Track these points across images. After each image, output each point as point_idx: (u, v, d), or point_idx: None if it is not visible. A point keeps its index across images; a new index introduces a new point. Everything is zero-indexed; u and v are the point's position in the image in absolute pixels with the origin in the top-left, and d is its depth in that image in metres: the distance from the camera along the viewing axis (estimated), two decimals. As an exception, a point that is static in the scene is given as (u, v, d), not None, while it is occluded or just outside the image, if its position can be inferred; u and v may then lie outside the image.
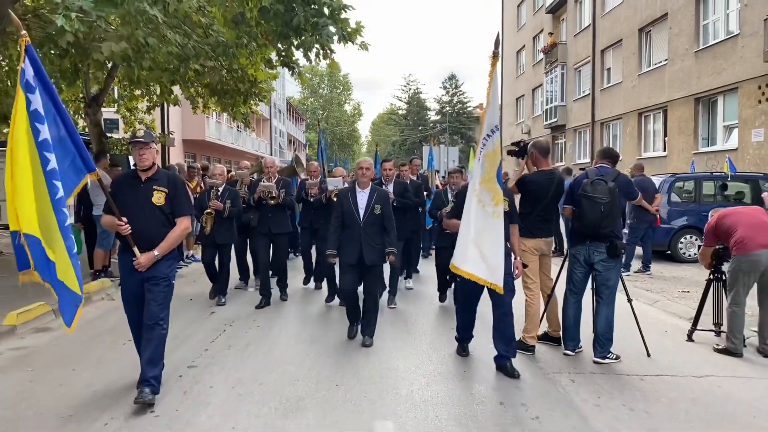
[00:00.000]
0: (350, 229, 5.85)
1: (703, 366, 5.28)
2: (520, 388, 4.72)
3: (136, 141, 4.37)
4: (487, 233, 4.77)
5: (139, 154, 4.36)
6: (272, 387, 4.72)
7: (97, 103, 17.89)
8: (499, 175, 4.81)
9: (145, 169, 4.44)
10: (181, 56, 9.10)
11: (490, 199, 4.78)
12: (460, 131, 64.59)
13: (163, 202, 4.42)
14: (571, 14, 30.13)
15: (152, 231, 4.36)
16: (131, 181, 4.48)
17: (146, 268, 4.33)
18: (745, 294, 5.55)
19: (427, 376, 5.00)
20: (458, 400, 4.47)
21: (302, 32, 8.56)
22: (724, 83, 17.56)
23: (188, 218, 4.60)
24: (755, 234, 5.40)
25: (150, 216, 4.37)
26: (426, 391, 4.65)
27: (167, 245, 4.40)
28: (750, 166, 16.05)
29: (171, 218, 4.47)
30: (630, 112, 23.46)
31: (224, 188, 7.93)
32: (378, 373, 5.08)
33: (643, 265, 10.19)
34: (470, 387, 4.77)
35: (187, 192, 4.72)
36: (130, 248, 4.33)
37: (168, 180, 4.51)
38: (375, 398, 4.47)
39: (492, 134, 4.82)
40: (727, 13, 17.83)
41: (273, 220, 7.75)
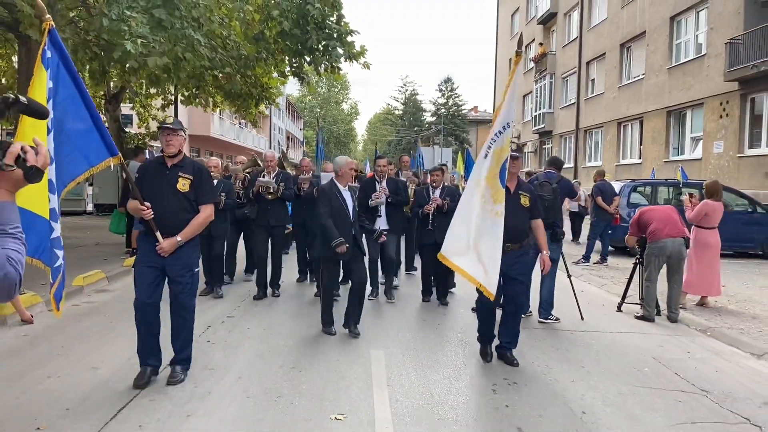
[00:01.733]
0: (339, 226, 5.86)
1: (621, 326, 6.91)
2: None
3: (165, 127, 4.46)
4: (486, 234, 4.78)
5: (167, 140, 4.42)
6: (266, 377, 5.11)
7: (116, 101, 19.51)
8: (502, 174, 4.81)
9: (172, 156, 4.48)
10: (210, 67, 10.67)
11: (490, 196, 4.80)
12: (455, 133, 66.08)
13: (188, 189, 4.45)
14: (560, 26, 31.82)
15: (176, 217, 4.40)
16: (157, 167, 4.52)
17: (168, 254, 4.36)
18: (657, 272, 7.19)
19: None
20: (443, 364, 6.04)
21: (314, 51, 10.15)
22: (692, 98, 19.27)
23: (212, 206, 4.66)
24: (664, 226, 7.03)
25: (174, 202, 4.41)
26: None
27: (190, 231, 4.43)
28: (711, 175, 17.71)
29: (195, 205, 4.51)
30: (610, 121, 25.15)
31: (219, 181, 7.86)
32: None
33: (601, 257, 11.82)
34: (444, 335, 6.36)
35: (211, 181, 4.78)
36: (152, 233, 4.36)
37: (193, 168, 4.55)
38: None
39: (504, 130, 4.84)
40: (697, 34, 19.53)
41: (272, 212, 7.80)
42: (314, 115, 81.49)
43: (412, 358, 5.43)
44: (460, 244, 4.86)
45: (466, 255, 4.83)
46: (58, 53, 3.97)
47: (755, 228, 12.90)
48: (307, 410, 4.12)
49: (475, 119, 65.56)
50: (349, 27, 9.99)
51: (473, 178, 5.02)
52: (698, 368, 5.41)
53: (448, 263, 4.94)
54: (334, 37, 9.92)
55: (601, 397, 4.59)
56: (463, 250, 4.84)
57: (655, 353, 5.87)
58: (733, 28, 17.06)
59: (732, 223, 12.59)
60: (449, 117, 67.13)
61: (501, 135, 4.83)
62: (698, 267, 7.66)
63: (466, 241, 4.85)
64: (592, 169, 25.56)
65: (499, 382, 4.85)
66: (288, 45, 10.55)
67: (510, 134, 4.86)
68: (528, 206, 5.29)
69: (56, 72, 3.95)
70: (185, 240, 4.41)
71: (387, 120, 76.58)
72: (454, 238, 4.93)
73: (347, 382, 4.74)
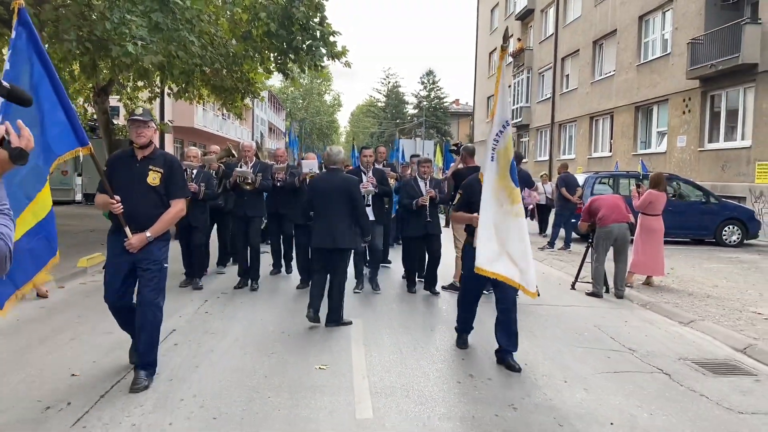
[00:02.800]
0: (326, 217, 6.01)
1: (572, 301, 7.81)
2: (448, 312, 7.18)
3: (134, 119, 4.29)
4: (512, 235, 4.77)
5: (137, 132, 4.26)
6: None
7: (105, 93, 20.04)
8: (513, 172, 4.79)
9: (142, 148, 4.31)
10: (200, 64, 11.36)
11: (506, 197, 4.76)
12: (436, 125, 66.99)
13: (158, 183, 4.29)
14: (537, 23, 32.73)
15: (145, 212, 4.25)
16: (127, 160, 4.35)
17: (137, 250, 4.22)
18: (605, 254, 8.09)
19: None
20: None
21: (299, 51, 10.90)
22: (658, 95, 20.28)
23: (183, 201, 4.48)
24: (611, 213, 7.93)
25: (144, 196, 4.26)
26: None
27: (160, 227, 4.28)
28: (674, 168, 18.76)
29: (165, 200, 4.36)
30: (583, 115, 26.14)
31: (198, 171, 7.82)
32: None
33: (565, 243, 12.75)
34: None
35: (183, 174, 4.63)
36: (121, 228, 4.23)
37: (165, 161, 4.39)
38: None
39: (504, 129, 4.80)
40: (663, 33, 20.52)
41: (249, 203, 7.74)
42: (297, 106, 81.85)
43: (386, 324, 6.27)
44: (492, 250, 4.75)
45: (499, 260, 4.74)
46: (27, 32, 3.73)
47: (709, 217, 13.91)
48: (296, 362, 4.94)
49: (456, 112, 66.34)
50: (332, 28, 10.78)
51: (487, 182, 4.86)
52: (631, 333, 6.31)
53: (486, 273, 4.77)
54: (317, 38, 10.70)
55: (542, 353, 5.46)
56: (496, 255, 4.74)
57: (597, 322, 6.76)
58: (695, 29, 18.05)
59: (688, 213, 13.69)
60: (431, 110, 67.93)
61: (502, 135, 4.78)
62: (644, 250, 8.58)
63: (497, 245, 4.76)
64: (567, 162, 26.64)
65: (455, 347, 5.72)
66: (274, 44, 11.28)
67: (510, 133, 4.83)
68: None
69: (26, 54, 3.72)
70: (155, 236, 4.26)
71: (370, 112, 77.27)
72: (485, 246, 4.76)
73: (330, 343, 5.56)
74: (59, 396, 4.08)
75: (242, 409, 3.96)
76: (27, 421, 3.70)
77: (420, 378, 4.71)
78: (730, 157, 16.77)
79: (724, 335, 6.20)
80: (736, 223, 13.89)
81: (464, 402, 4.25)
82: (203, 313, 6.55)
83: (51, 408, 3.87)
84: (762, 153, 15.40)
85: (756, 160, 15.57)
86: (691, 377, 4.96)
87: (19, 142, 1.74)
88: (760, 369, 5.27)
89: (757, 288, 8.79)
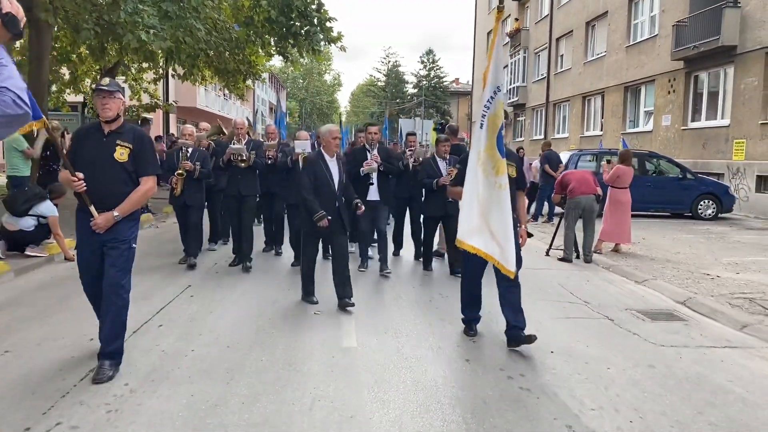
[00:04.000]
0: (324, 198, 5.79)
1: (543, 266, 8.68)
2: (431, 279, 8.06)
3: (100, 89, 3.95)
4: (494, 208, 4.55)
5: (103, 103, 3.92)
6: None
7: (112, 75, 20.76)
8: (499, 141, 4.56)
9: (109, 121, 4.00)
10: (205, 48, 12.15)
11: (491, 168, 4.55)
12: (436, 105, 67.52)
13: (126, 159, 4.01)
14: (533, 3, 33.24)
15: (112, 190, 3.99)
16: (93, 134, 4.07)
17: (104, 230, 3.98)
18: (574, 223, 8.95)
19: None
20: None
21: (297, 36, 11.68)
22: (646, 75, 20.99)
23: (153, 178, 4.20)
24: (580, 186, 8.77)
25: (111, 173, 3.99)
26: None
27: (128, 206, 4.02)
28: (659, 146, 19.55)
29: (134, 177, 4.09)
30: (576, 95, 26.83)
31: (193, 149, 7.79)
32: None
33: (548, 216, 13.62)
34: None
35: (153, 150, 4.35)
36: (87, 207, 3.99)
37: (134, 135, 4.09)
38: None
39: (495, 94, 4.57)
40: (651, 15, 21.16)
41: (243, 181, 7.61)
42: (297, 86, 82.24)
43: (377, 297, 7.15)
44: (473, 222, 4.63)
45: (480, 234, 4.60)
46: None
47: (685, 192, 14.74)
48: (296, 310, 5.83)
49: (456, 91, 66.72)
50: (328, 14, 11.54)
51: (473, 150, 4.72)
52: (589, 290, 7.19)
53: (465, 246, 4.68)
54: (315, 24, 11.47)
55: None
56: (476, 228, 4.61)
57: (561, 281, 7.64)
58: (681, 11, 18.71)
59: (666, 188, 14.54)
60: (431, 89, 68.36)
61: (493, 101, 4.55)
62: (612, 219, 9.43)
63: (478, 218, 4.62)
64: (560, 140, 27.44)
65: (434, 297, 6.61)
66: (274, 29, 12.06)
67: (502, 99, 4.60)
68: (515, 177, 4.99)
69: None
70: (123, 215, 4.01)
71: (370, 92, 77.64)
72: (466, 217, 4.67)
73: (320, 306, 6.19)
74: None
75: (251, 340, 4.86)
76: (80, 351, 4.59)
77: (398, 320, 5.60)
78: (710, 135, 17.54)
79: (671, 291, 7.08)
80: (712, 198, 14.71)
81: (434, 337, 5.15)
82: (214, 272, 7.43)
83: (94, 340, 4.78)
84: (739, 131, 16.18)
85: (733, 138, 16.36)
86: (631, 322, 5.84)
87: (10, 7, 1.77)
88: (692, 316, 6.15)
89: (715, 254, 9.65)
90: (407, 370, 4.35)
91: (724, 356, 4.89)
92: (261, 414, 3.53)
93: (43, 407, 3.53)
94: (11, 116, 1.76)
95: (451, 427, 3.45)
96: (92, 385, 3.88)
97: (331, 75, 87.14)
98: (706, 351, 5.02)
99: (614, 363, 4.62)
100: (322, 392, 3.88)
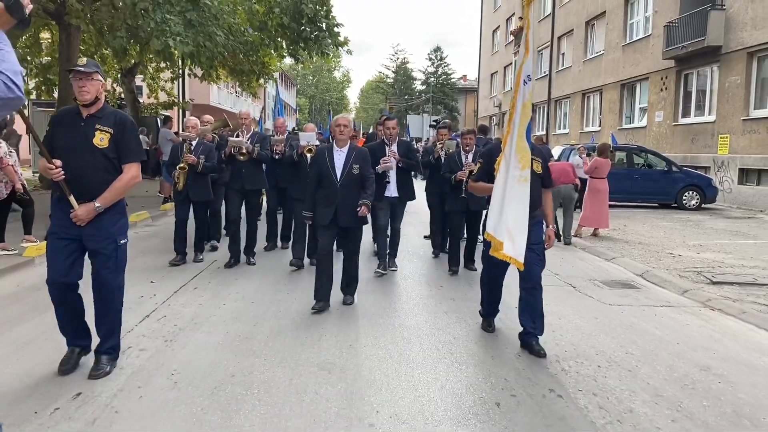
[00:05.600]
0: (326, 190, 5.57)
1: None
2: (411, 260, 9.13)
3: (76, 70, 3.69)
4: (512, 202, 4.34)
5: (79, 86, 3.69)
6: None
7: (132, 74, 21.99)
8: (528, 133, 4.38)
9: (87, 105, 3.76)
10: (223, 52, 13.28)
11: (518, 161, 4.32)
12: (444, 101, 68.46)
13: (107, 145, 3.75)
14: (536, 2, 34.14)
15: (93, 178, 3.73)
16: (71, 119, 3.81)
17: (85, 222, 3.72)
18: (554, 210, 9.97)
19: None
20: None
21: (308, 41, 12.78)
22: (640, 73, 21.92)
23: (137, 165, 3.93)
24: (559, 176, 9.80)
25: (90, 160, 3.73)
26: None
27: (111, 196, 3.75)
28: (653, 141, 20.49)
29: (117, 164, 3.83)
30: (576, 92, 27.77)
31: (198, 142, 7.55)
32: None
33: (540, 206, 14.62)
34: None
35: (137, 135, 4.09)
36: (66, 197, 3.71)
37: (115, 119, 3.83)
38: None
39: (527, 81, 4.35)
40: (646, 16, 22.08)
41: (246, 175, 7.35)
42: (307, 83, 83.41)
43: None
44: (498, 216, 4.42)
45: (498, 227, 4.40)
46: None
47: (671, 184, 15.73)
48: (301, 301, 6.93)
49: (464, 87, 67.49)
50: (336, 20, 12.64)
51: (508, 143, 4.42)
52: (562, 266, 8.23)
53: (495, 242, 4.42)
54: (323, 29, 12.57)
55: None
56: (496, 222, 4.41)
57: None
58: (672, 12, 19.62)
59: (653, 180, 15.54)
60: (438, 85, 69.27)
61: (526, 85, 4.32)
62: (591, 207, 10.46)
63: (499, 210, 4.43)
64: (561, 136, 28.40)
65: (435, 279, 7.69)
66: (286, 34, 13.17)
67: (531, 89, 4.37)
68: (540, 173, 4.77)
69: None
70: (105, 206, 3.74)
71: (379, 88, 78.69)
72: (494, 213, 4.46)
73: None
74: (146, 290, 6.12)
75: (270, 299, 5.98)
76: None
77: (395, 286, 6.70)
78: (698, 130, 18.49)
79: (633, 266, 8.12)
80: (695, 190, 15.68)
81: (426, 294, 6.24)
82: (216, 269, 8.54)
83: (144, 297, 5.90)
84: (723, 127, 17.12)
85: (719, 133, 17.30)
86: (591, 289, 6.89)
87: None
88: (645, 285, 7.20)
89: (685, 238, 10.66)
90: (395, 317, 5.45)
91: (659, 312, 5.95)
92: (281, 344, 4.64)
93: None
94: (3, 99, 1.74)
95: (419, 349, 4.54)
96: (154, 323, 5.02)
97: (340, 72, 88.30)
98: (646, 308, 6.08)
99: (565, 315, 5.69)
100: (327, 330, 4.99)
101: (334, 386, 3.83)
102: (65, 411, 3.39)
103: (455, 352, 4.58)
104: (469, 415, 3.48)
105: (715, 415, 3.57)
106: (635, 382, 4.05)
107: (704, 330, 5.37)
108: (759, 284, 7.06)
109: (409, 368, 4.20)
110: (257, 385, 3.81)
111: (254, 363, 4.21)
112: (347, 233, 5.76)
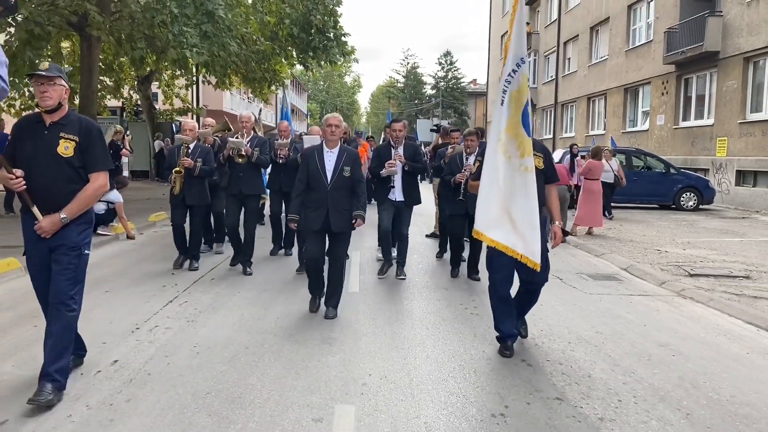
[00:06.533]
0: (316, 193, 5.36)
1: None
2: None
3: (37, 74, 3.52)
4: (518, 194, 4.12)
5: (41, 91, 3.51)
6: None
7: (148, 81, 22.80)
8: (525, 120, 4.12)
9: (50, 112, 3.59)
10: (236, 61, 13.97)
11: (516, 149, 4.10)
12: (453, 105, 69.02)
13: (72, 154, 3.59)
14: (543, 7, 34.72)
15: (58, 189, 3.58)
16: (34, 126, 3.64)
17: (50, 234, 3.58)
18: (550, 209, 10.53)
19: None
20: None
21: (316, 50, 13.44)
22: (643, 77, 22.41)
23: (105, 174, 3.78)
24: (553, 177, 10.35)
25: (55, 170, 3.57)
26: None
27: (77, 207, 3.61)
28: (654, 144, 20.97)
29: (83, 174, 3.67)
30: (581, 96, 28.27)
31: (195, 145, 7.35)
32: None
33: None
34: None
35: (103, 142, 3.89)
36: (29, 209, 3.58)
37: (80, 127, 3.65)
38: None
39: (518, 68, 4.13)
40: (648, 22, 22.58)
41: (244, 180, 7.17)
42: (318, 88, 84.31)
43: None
44: (492, 213, 4.20)
45: (500, 226, 4.17)
46: None
47: (669, 185, 16.21)
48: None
49: (474, 92, 67.96)
50: (343, 30, 13.32)
51: (493, 132, 4.26)
52: (553, 260, 8.58)
53: (484, 239, 4.28)
54: (331, 39, 13.23)
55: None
56: (496, 220, 4.19)
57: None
58: (672, 18, 20.11)
59: (652, 182, 16.04)
60: (448, 90, 69.82)
61: (516, 74, 4.12)
62: (585, 207, 11.00)
63: (497, 207, 4.20)
64: (567, 140, 28.88)
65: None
66: (296, 43, 13.84)
67: (526, 72, 4.18)
68: (542, 168, 4.52)
69: None
70: (71, 217, 3.60)
71: (389, 93, 79.40)
72: (485, 207, 4.24)
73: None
74: (168, 280, 6.76)
75: (280, 289, 6.60)
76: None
77: (394, 278, 7.30)
78: (697, 133, 18.96)
79: (620, 261, 8.66)
80: (693, 191, 16.16)
81: (422, 284, 6.83)
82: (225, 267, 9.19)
83: (167, 286, 6.54)
84: (721, 130, 17.59)
85: (717, 136, 17.77)
86: (577, 281, 7.45)
87: None
88: (628, 277, 7.74)
89: (675, 237, 11.16)
90: (392, 303, 6.05)
91: (635, 300, 6.50)
92: (289, 324, 5.26)
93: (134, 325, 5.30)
94: None
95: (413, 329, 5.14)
96: (176, 307, 5.66)
97: (350, 77, 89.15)
98: (623, 297, 6.63)
99: (547, 302, 6.23)
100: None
101: (334, 356, 4.45)
102: (106, 373, 4.03)
103: (442, 331, 5.18)
104: (448, 378, 4.08)
105: (662, 380, 4.14)
106: (598, 355, 4.63)
107: (672, 314, 5.93)
108: (732, 276, 7.59)
109: (400, 342, 4.81)
110: (268, 355, 4.43)
111: (266, 338, 4.83)
112: (336, 237, 5.51)
